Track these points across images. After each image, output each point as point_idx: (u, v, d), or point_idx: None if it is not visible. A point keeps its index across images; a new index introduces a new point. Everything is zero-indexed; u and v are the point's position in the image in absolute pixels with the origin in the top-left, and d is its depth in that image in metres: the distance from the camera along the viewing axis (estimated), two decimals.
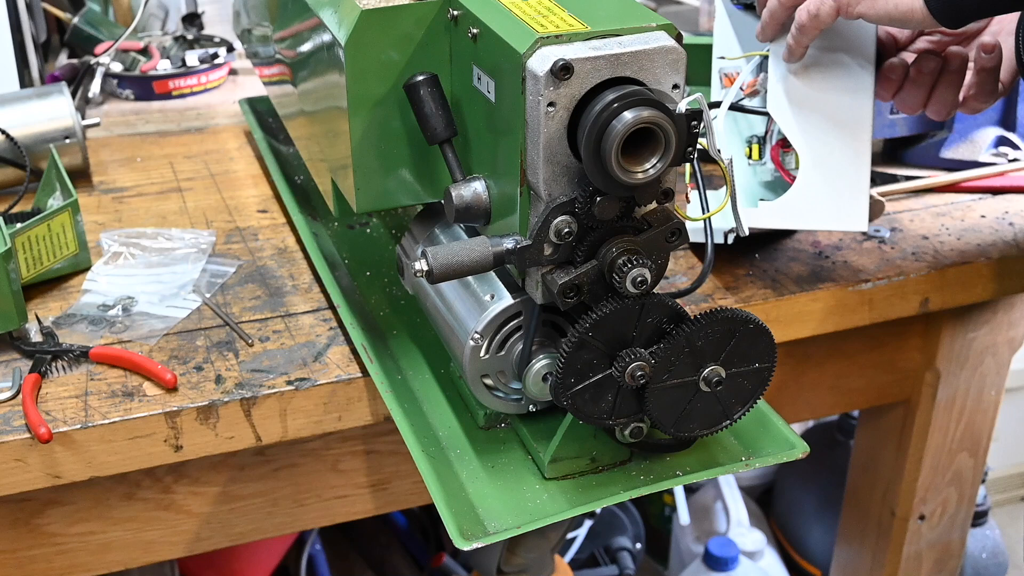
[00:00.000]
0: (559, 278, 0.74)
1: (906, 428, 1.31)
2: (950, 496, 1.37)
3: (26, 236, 0.99)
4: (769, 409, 0.87)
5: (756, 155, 1.08)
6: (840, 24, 0.96)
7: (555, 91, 0.68)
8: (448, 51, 0.82)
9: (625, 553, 1.85)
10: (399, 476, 1.05)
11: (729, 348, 0.77)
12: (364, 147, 0.85)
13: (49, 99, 1.22)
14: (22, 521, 0.94)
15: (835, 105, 0.99)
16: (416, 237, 0.92)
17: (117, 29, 1.58)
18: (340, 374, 0.91)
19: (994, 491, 2.34)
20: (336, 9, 0.85)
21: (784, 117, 0.98)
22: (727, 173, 0.83)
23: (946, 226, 1.15)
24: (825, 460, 1.84)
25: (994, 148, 1.24)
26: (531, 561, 1.33)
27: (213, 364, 0.92)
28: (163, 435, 0.88)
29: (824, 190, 0.98)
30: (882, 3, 0.87)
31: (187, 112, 1.46)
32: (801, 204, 0.98)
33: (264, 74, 1.22)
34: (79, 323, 0.98)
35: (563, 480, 0.83)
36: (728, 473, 0.86)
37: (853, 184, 0.98)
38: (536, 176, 0.71)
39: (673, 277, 1.05)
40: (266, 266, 1.07)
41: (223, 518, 1.01)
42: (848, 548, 1.50)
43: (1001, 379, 1.31)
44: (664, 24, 0.71)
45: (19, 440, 0.85)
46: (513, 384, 0.84)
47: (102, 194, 1.22)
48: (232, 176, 1.27)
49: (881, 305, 1.07)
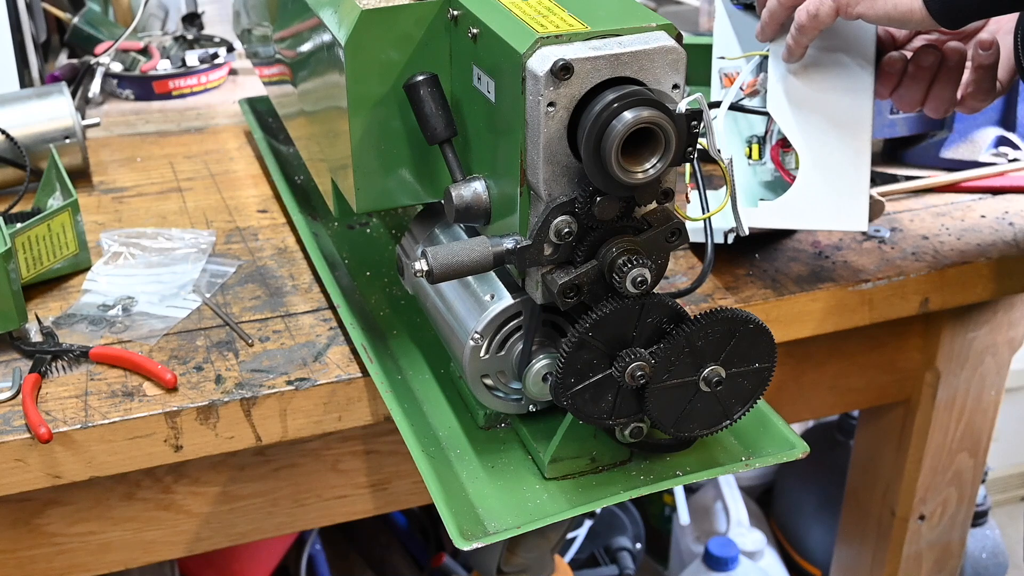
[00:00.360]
0: (559, 278, 0.74)
1: (906, 428, 1.31)
2: (950, 496, 1.37)
3: (26, 236, 0.99)
4: (769, 409, 0.87)
5: (756, 155, 1.08)
6: (840, 24, 0.96)
7: (555, 91, 0.68)
8: (448, 51, 0.82)
9: (625, 553, 1.85)
10: (399, 476, 1.05)
11: (729, 348, 0.77)
12: (364, 147, 0.85)
13: (49, 99, 1.22)
14: (22, 521, 0.94)
15: (835, 105, 0.99)
16: (416, 237, 0.92)
17: (117, 29, 1.58)
18: (340, 374, 0.91)
19: (994, 491, 2.34)
20: (336, 9, 0.85)
21: (784, 117, 0.98)
22: (727, 173, 0.83)
23: (946, 226, 1.15)
24: (825, 460, 1.84)
25: (994, 148, 1.24)
26: (531, 561, 1.33)
27: (213, 364, 0.92)
28: (163, 435, 0.88)
29: (824, 190, 0.98)
30: (881, 3, 0.87)
31: (187, 112, 1.46)
32: (801, 204, 0.98)
33: (264, 74, 1.22)
34: (79, 323, 0.98)
35: (563, 480, 0.83)
36: (728, 473, 0.86)
37: (853, 184, 0.98)
38: (536, 176, 0.71)
39: (673, 277, 1.05)
40: (266, 266, 1.07)
41: (223, 518, 1.01)
42: (848, 548, 1.50)
43: (1001, 379, 1.31)
44: (664, 24, 0.71)
45: (19, 440, 0.85)
46: (513, 384, 0.84)
47: (102, 194, 1.22)
48: (232, 176, 1.27)
49: (881, 305, 1.07)
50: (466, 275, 0.76)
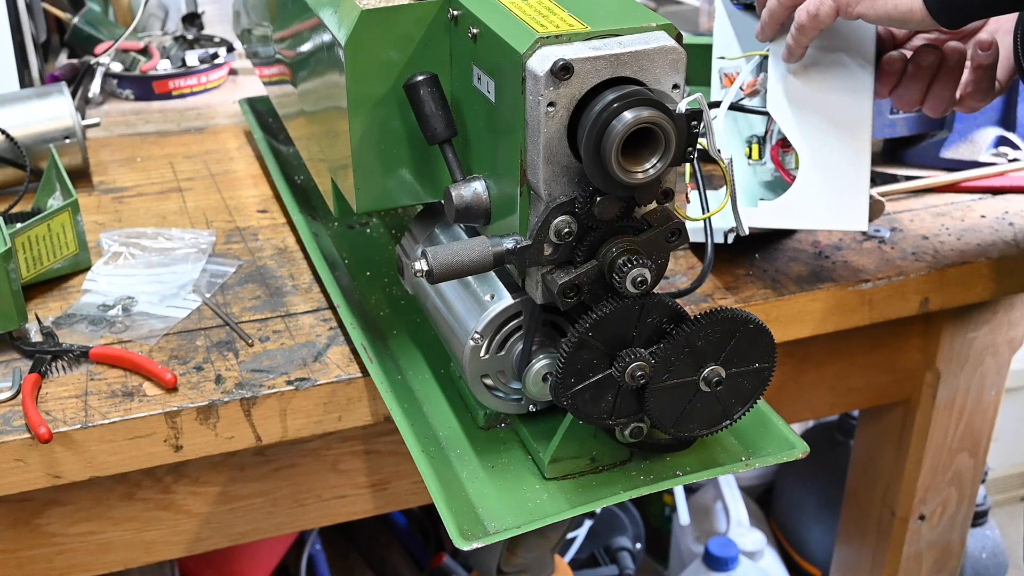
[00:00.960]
0: (559, 278, 0.74)
1: (906, 428, 1.31)
2: (950, 496, 1.37)
3: (26, 236, 0.99)
4: (769, 409, 0.87)
5: (756, 155, 1.08)
6: (839, 24, 0.96)
7: (555, 91, 0.68)
8: (448, 51, 0.82)
9: (625, 553, 1.85)
10: (399, 476, 1.05)
11: (729, 348, 0.77)
12: (364, 147, 0.85)
13: (49, 99, 1.22)
14: (22, 521, 0.94)
15: (835, 105, 0.99)
16: (416, 237, 0.92)
17: (117, 29, 1.58)
18: (340, 374, 0.91)
19: (994, 491, 2.34)
20: (336, 9, 0.85)
21: (784, 117, 0.98)
22: (727, 173, 0.83)
23: (946, 226, 1.15)
24: (825, 460, 1.84)
25: (994, 148, 1.24)
26: (531, 561, 1.33)
27: (213, 364, 0.92)
28: (163, 435, 0.88)
29: (824, 189, 0.98)
30: (881, 3, 0.87)
31: (187, 112, 1.46)
32: (801, 204, 0.98)
33: (264, 74, 1.22)
34: (79, 323, 0.98)
35: (563, 480, 0.83)
36: (728, 473, 0.86)
37: (853, 183, 0.98)
38: (536, 176, 0.71)
39: (673, 277, 1.05)
40: (266, 266, 1.07)
41: (223, 518, 1.01)
42: (848, 548, 1.50)
43: (1001, 379, 1.31)
44: (664, 24, 0.71)
45: (19, 440, 0.85)
46: (513, 384, 0.84)
47: (102, 194, 1.22)
48: (232, 176, 1.27)
49: (881, 305, 1.07)
50: (466, 275, 0.76)
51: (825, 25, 0.92)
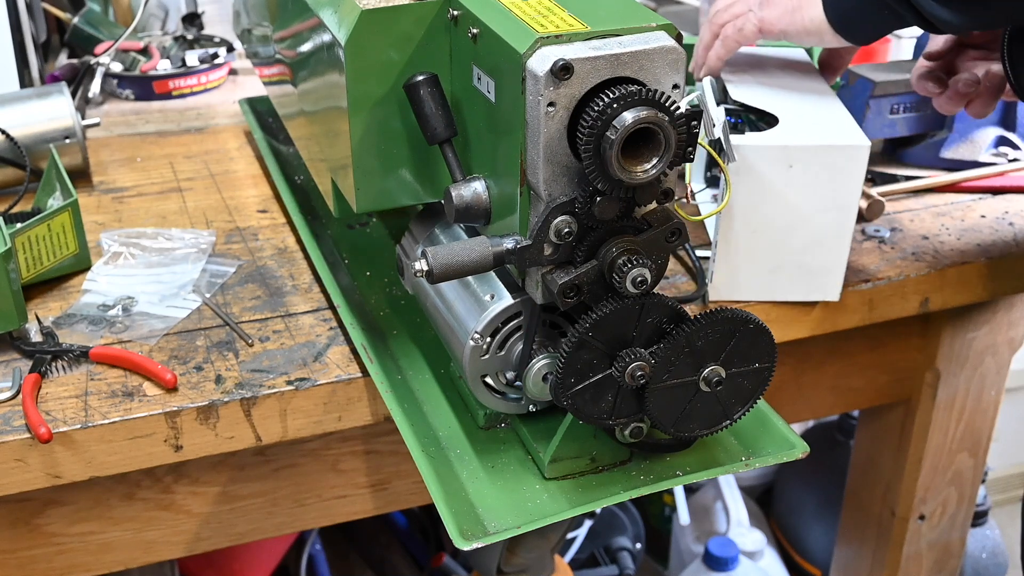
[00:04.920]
0: (559, 278, 0.74)
1: (906, 428, 1.31)
2: (950, 496, 1.37)
3: (26, 236, 0.99)
4: (769, 409, 0.87)
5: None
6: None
7: (555, 91, 0.68)
8: (448, 51, 0.82)
9: (625, 553, 1.85)
10: (399, 476, 1.05)
11: (729, 348, 0.77)
12: (364, 147, 0.85)
13: (49, 99, 1.22)
14: (22, 521, 0.94)
15: (782, 75, 1.08)
16: (416, 237, 0.92)
17: (117, 29, 1.58)
18: (340, 374, 0.91)
19: (994, 491, 2.34)
20: (336, 9, 0.85)
21: (753, 98, 1.03)
22: (727, 173, 0.83)
23: (946, 226, 1.15)
24: (825, 460, 1.84)
25: (994, 148, 1.24)
26: (531, 561, 1.33)
27: (213, 364, 0.92)
28: (163, 435, 0.88)
29: (815, 129, 1.00)
30: (799, 18, 0.97)
31: (187, 112, 1.46)
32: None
33: (264, 74, 1.22)
34: (79, 323, 0.98)
35: (563, 480, 0.83)
36: (728, 473, 0.86)
37: (839, 120, 1.00)
38: (536, 176, 0.71)
39: (673, 277, 1.05)
40: (266, 266, 1.07)
41: (223, 518, 1.01)
42: (848, 548, 1.50)
43: (1001, 379, 1.31)
44: (664, 24, 0.71)
45: (19, 440, 0.85)
46: (508, 375, 0.84)
47: (102, 194, 1.22)
48: (232, 176, 1.27)
49: (881, 305, 1.07)
50: (466, 275, 0.76)
51: (748, 41, 1.02)
